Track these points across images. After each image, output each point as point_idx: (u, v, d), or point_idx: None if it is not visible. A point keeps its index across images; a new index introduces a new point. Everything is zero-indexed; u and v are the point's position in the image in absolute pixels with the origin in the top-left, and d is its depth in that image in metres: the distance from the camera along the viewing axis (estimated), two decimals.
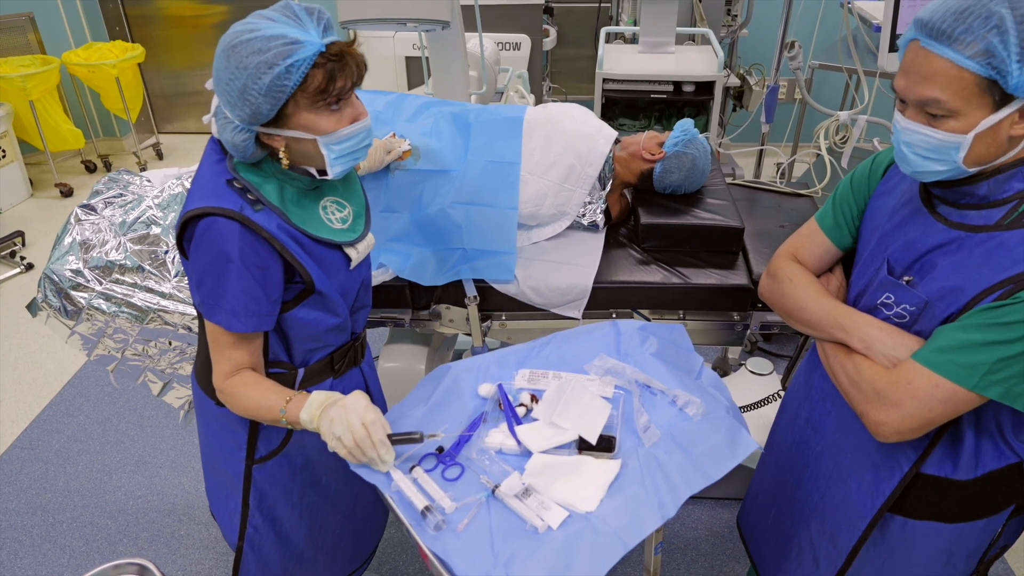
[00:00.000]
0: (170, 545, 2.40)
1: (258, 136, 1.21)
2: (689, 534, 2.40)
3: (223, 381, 1.31)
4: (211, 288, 1.24)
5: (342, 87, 1.19)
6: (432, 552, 1.14)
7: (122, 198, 2.12)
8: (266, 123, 1.19)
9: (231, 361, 1.30)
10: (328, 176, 1.27)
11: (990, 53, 0.99)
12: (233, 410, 1.35)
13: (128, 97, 4.64)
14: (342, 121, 1.22)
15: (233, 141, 1.20)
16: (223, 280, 1.23)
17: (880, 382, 1.18)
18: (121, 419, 2.91)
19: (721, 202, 2.16)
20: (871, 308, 1.28)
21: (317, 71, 1.15)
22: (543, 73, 4.44)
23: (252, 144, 1.21)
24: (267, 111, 1.16)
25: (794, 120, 3.90)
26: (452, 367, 1.49)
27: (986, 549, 1.40)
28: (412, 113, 2.16)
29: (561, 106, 2.19)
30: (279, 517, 1.53)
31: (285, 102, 1.16)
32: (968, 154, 1.07)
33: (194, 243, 1.23)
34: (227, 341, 1.29)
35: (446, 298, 2.07)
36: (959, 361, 1.09)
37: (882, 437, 1.19)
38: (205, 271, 1.24)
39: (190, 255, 1.26)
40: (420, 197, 1.99)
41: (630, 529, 1.14)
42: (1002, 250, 1.08)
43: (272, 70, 1.11)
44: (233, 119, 1.17)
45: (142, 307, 1.98)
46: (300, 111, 1.19)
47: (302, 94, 1.16)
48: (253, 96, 1.14)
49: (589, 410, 1.34)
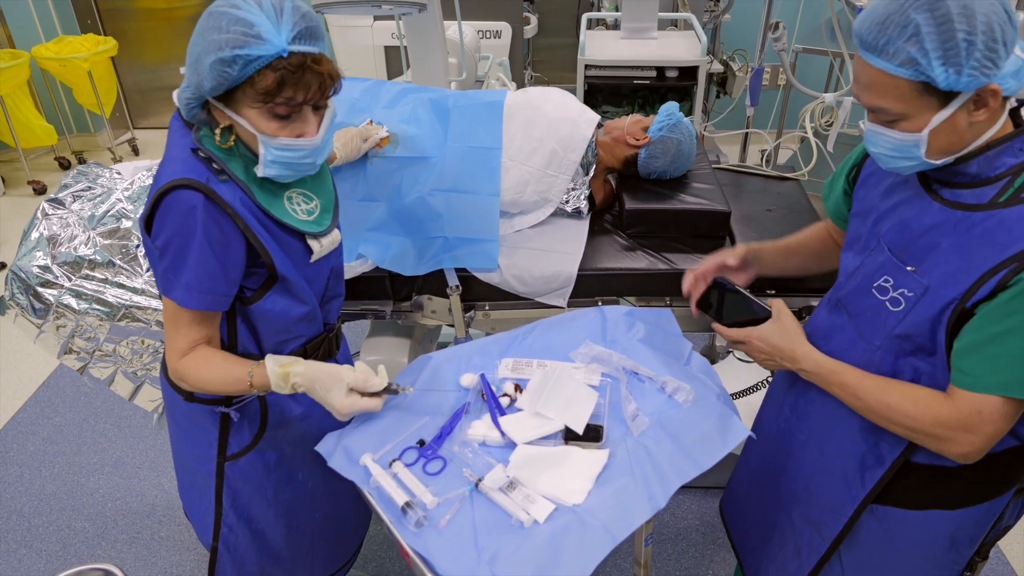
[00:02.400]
0: (150, 547, 2.34)
1: (207, 102, 1.17)
2: (679, 524, 2.37)
3: (178, 360, 1.26)
4: (171, 261, 1.20)
5: (290, 98, 1.13)
6: (413, 550, 1.10)
7: (91, 191, 2.05)
8: (217, 96, 1.14)
9: (188, 338, 1.25)
10: (258, 172, 1.22)
11: (914, 61, 1.00)
12: (192, 388, 1.30)
13: (101, 92, 4.55)
14: (284, 130, 1.17)
15: (182, 95, 1.17)
16: (183, 254, 1.18)
17: (950, 420, 1.13)
18: (98, 420, 2.84)
19: (707, 186, 2.12)
20: (863, 291, 1.24)
21: (269, 72, 1.10)
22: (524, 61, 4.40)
23: (197, 107, 1.18)
24: (208, 89, 1.12)
25: (778, 106, 3.87)
26: (432, 357, 1.45)
27: (988, 531, 1.38)
28: (390, 100, 2.11)
29: (541, 90, 2.14)
30: (254, 516, 1.48)
31: (236, 86, 1.11)
32: (929, 149, 1.08)
33: (157, 217, 1.19)
34: (185, 318, 1.24)
35: (428, 288, 2.02)
36: (1010, 379, 1.08)
37: (970, 460, 1.16)
38: (167, 243, 1.19)
39: (154, 230, 1.20)
40: (399, 185, 1.94)
41: (619, 522, 1.10)
42: (1001, 229, 1.06)
43: (220, 52, 1.08)
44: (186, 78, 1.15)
45: (114, 303, 1.92)
46: (247, 101, 1.14)
47: (249, 88, 1.12)
48: (202, 68, 1.10)
49: (575, 399, 1.30)
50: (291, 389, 1.26)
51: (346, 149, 1.84)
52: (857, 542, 1.38)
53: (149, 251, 1.24)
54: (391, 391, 1.31)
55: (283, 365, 1.26)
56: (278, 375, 1.24)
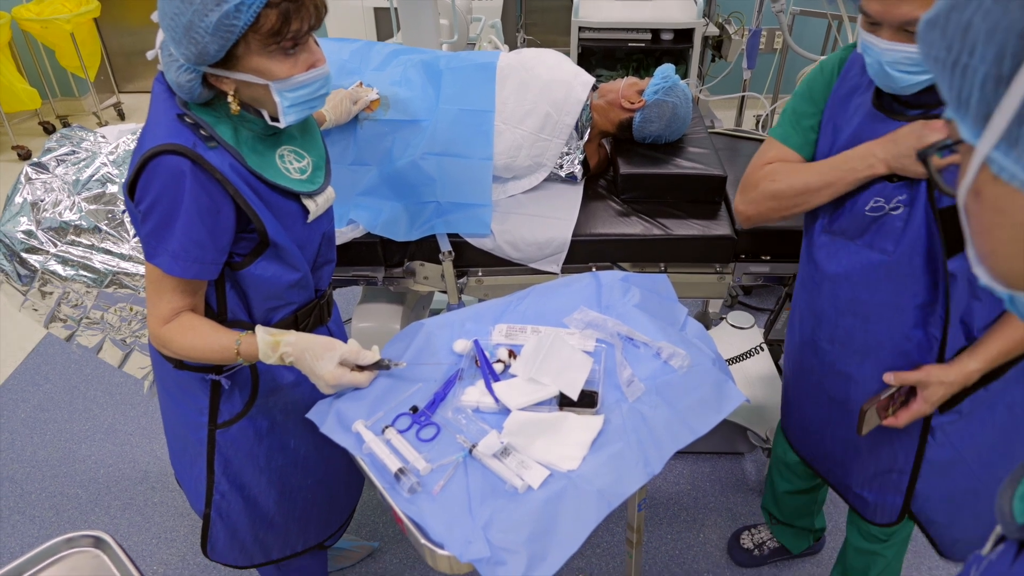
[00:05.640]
0: (143, 513, 2.34)
1: (206, 76, 1.12)
2: (671, 488, 2.38)
3: (161, 326, 1.23)
4: (155, 227, 1.17)
5: (297, 30, 1.10)
6: (407, 516, 1.09)
7: (75, 155, 2.01)
8: (214, 64, 1.10)
9: (171, 305, 1.23)
10: (280, 124, 1.19)
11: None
12: (174, 355, 1.28)
13: (85, 54, 4.44)
14: (297, 66, 1.14)
15: (178, 81, 1.12)
16: (169, 220, 1.15)
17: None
18: (89, 387, 2.83)
19: (703, 151, 2.09)
20: (859, 216, 1.31)
21: (271, 11, 1.06)
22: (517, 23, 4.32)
23: (199, 85, 1.13)
24: (214, 52, 1.07)
25: (774, 69, 3.82)
26: (425, 323, 1.43)
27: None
28: (380, 62, 2.06)
29: (535, 51, 2.10)
30: (246, 483, 1.47)
31: (235, 43, 1.07)
32: None
33: (141, 183, 1.15)
34: (169, 285, 1.21)
35: (420, 254, 1.99)
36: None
37: None
38: (151, 208, 1.16)
39: (137, 195, 1.17)
40: (390, 149, 1.90)
41: (614, 488, 1.10)
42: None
43: (220, 7, 1.03)
44: (178, 57, 1.08)
45: (101, 270, 1.88)
46: (251, 54, 1.10)
47: (253, 35, 1.08)
48: (199, 34, 1.05)
49: (570, 365, 1.29)
50: (279, 360, 1.24)
51: (335, 112, 1.80)
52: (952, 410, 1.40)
53: (133, 216, 1.21)
54: (382, 366, 1.29)
55: (273, 334, 1.24)
56: (268, 343, 1.22)
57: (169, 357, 1.33)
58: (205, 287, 1.27)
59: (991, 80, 0.44)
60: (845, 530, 1.83)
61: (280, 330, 1.26)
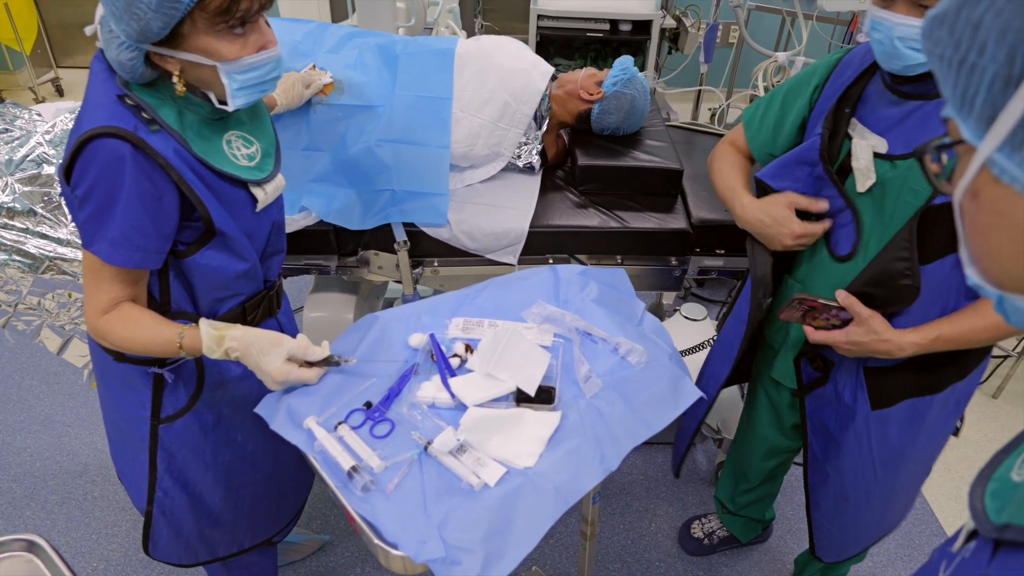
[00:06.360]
0: (82, 507, 2.26)
1: (149, 55, 1.06)
2: (623, 479, 2.40)
3: (99, 317, 1.17)
4: (92, 213, 1.11)
5: (247, 9, 1.05)
6: (360, 515, 1.06)
7: (8, 134, 1.91)
8: (158, 42, 1.04)
9: (110, 295, 1.17)
10: (228, 108, 1.14)
11: None
12: (113, 347, 1.23)
13: (20, 27, 4.24)
14: (247, 48, 1.09)
15: (119, 59, 1.06)
16: (108, 206, 1.09)
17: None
18: (24, 375, 2.71)
19: (660, 144, 2.09)
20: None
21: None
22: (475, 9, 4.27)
23: (141, 64, 1.07)
24: (158, 29, 1.01)
25: (730, 64, 3.85)
26: (380, 316, 1.40)
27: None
28: (334, 44, 2.00)
29: (494, 38, 2.07)
30: (191, 479, 1.42)
31: (180, 20, 1.02)
32: None
33: (78, 167, 1.09)
34: (107, 274, 1.15)
35: (374, 243, 1.95)
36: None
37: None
38: (88, 193, 1.10)
39: (73, 179, 1.11)
40: (344, 134, 1.85)
41: (571, 485, 1.09)
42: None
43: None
44: (119, 34, 1.02)
45: (36, 255, 1.79)
46: (198, 32, 1.05)
47: (200, 14, 1.02)
48: (141, 10, 0.99)
49: (527, 360, 1.27)
50: (224, 354, 1.19)
51: (287, 96, 1.74)
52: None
53: (69, 201, 1.15)
54: (331, 363, 1.26)
55: (218, 328, 1.19)
56: (212, 337, 1.18)
57: (109, 349, 1.27)
58: (147, 277, 1.21)
59: (1000, 81, 0.43)
60: (791, 518, 1.87)
61: (225, 323, 1.22)
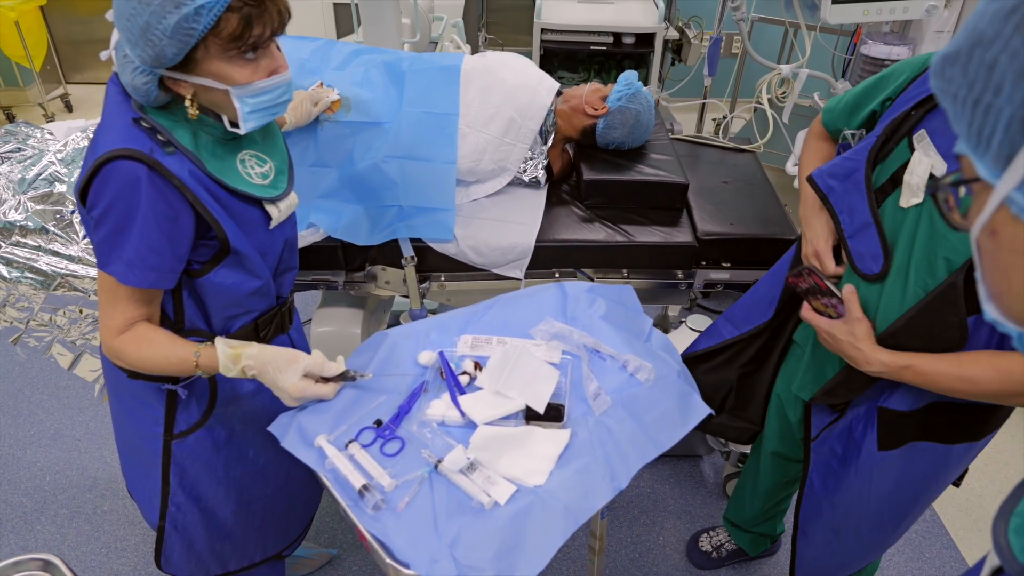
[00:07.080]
0: (92, 522, 2.27)
1: (163, 79, 1.08)
2: (631, 492, 2.40)
3: (115, 337, 1.19)
4: (109, 233, 1.12)
5: (259, 35, 1.07)
6: (371, 534, 1.07)
7: (20, 153, 1.93)
8: (172, 67, 1.06)
9: (126, 315, 1.19)
10: (239, 131, 1.16)
11: None
12: (129, 366, 1.24)
13: (30, 44, 4.27)
14: (258, 72, 1.11)
15: (134, 83, 1.08)
16: (124, 227, 1.11)
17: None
18: (35, 390, 2.73)
19: (665, 157, 2.10)
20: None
21: (232, 15, 1.03)
22: (479, 23, 4.30)
23: (155, 88, 1.09)
24: (172, 55, 1.03)
25: (733, 75, 3.87)
26: (389, 334, 1.41)
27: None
28: (341, 61, 2.02)
29: (500, 55, 2.08)
30: (203, 494, 1.43)
31: (194, 46, 1.04)
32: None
33: (94, 188, 1.11)
34: (123, 294, 1.17)
35: (381, 259, 1.97)
36: None
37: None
38: (105, 215, 1.11)
39: (90, 200, 1.12)
40: (351, 151, 1.87)
41: (581, 503, 1.09)
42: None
43: (179, 10, 1.00)
44: (134, 59, 1.04)
45: (48, 272, 1.81)
46: (211, 58, 1.07)
47: (214, 40, 1.04)
48: (156, 37, 1.01)
49: (536, 377, 1.28)
50: (240, 372, 1.21)
51: (295, 114, 1.76)
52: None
53: (85, 221, 1.17)
54: (347, 378, 1.27)
55: (234, 347, 1.21)
56: (229, 355, 1.19)
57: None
58: (161, 296, 1.23)
59: (1017, 122, 0.43)
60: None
61: (241, 342, 1.23)
